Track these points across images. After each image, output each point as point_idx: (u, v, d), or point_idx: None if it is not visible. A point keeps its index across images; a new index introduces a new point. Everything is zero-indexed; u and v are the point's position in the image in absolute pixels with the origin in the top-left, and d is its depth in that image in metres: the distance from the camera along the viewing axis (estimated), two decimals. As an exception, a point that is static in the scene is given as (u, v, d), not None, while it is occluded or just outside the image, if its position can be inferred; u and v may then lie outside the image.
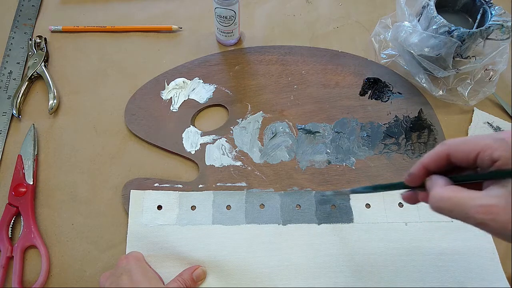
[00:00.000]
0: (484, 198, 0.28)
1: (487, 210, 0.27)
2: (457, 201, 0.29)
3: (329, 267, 0.45)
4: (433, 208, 0.30)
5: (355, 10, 0.66)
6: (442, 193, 0.30)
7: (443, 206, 0.30)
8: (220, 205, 0.49)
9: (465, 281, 0.44)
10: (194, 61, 0.59)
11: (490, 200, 0.27)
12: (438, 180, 0.31)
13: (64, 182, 0.51)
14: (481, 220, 0.27)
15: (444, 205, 0.29)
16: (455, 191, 0.29)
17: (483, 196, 0.28)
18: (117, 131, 0.54)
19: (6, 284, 0.45)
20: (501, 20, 0.51)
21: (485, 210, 0.27)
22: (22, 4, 0.64)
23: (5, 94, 0.56)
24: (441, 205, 0.30)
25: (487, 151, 0.29)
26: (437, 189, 0.30)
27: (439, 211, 0.30)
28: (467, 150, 0.30)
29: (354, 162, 0.52)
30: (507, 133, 0.29)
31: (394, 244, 0.46)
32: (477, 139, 0.30)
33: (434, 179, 0.32)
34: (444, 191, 0.30)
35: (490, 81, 0.55)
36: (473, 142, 0.30)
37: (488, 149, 0.28)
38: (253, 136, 0.54)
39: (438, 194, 0.30)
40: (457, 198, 0.29)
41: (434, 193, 0.30)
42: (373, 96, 0.57)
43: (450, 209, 0.29)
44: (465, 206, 0.28)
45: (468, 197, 0.28)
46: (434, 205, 0.30)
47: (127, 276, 0.40)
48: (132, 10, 0.65)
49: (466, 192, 0.29)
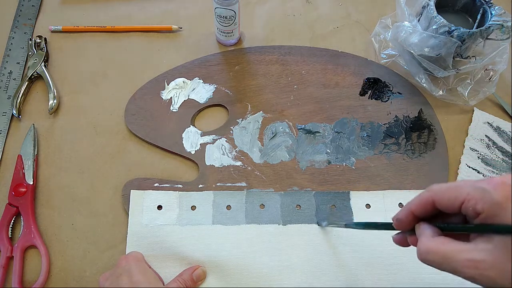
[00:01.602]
0: (471, 252, 0.27)
1: (474, 265, 0.27)
2: (444, 254, 0.28)
3: (329, 267, 0.45)
4: (422, 260, 0.30)
5: (355, 10, 0.66)
6: (429, 244, 0.29)
7: (431, 259, 0.29)
8: (220, 205, 0.49)
9: (465, 281, 0.44)
10: (194, 61, 0.59)
11: (477, 255, 0.27)
12: (426, 230, 0.31)
13: (64, 182, 0.51)
14: (469, 275, 0.27)
15: (432, 258, 0.29)
16: (442, 243, 0.29)
17: (470, 250, 0.28)
18: (117, 131, 0.54)
19: (6, 284, 0.45)
20: (501, 20, 0.51)
21: (472, 264, 0.27)
22: (22, 4, 0.64)
23: (5, 94, 0.56)
24: (429, 258, 0.29)
25: (470, 202, 0.28)
26: (425, 240, 0.30)
27: (427, 263, 0.30)
28: (451, 198, 0.29)
29: (354, 162, 0.52)
30: (488, 182, 0.28)
31: (394, 244, 0.46)
32: (459, 187, 0.29)
33: (422, 228, 0.31)
34: (431, 243, 0.29)
35: (490, 81, 0.55)
36: (456, 190, 0.29)
37: (471, 200, 0.28)
38: (253, 136, 0.54)
39: (425, 247, 0.30)
40: (444, 251, 0.28)
41: (421, 245, 0.30)
42: (373, 96, 0.57)
43: (439, 263, 0.29)
44: (453, 260, 0.28)
45: (455, 250, 0.28)
46: (422, 257, 0.30)
47: (126, 276, 0.40)
48: (132, 10, 0.65)
49: (453, 244, 0.29)
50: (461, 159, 0.53)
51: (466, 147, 0.54)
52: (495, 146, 0.54)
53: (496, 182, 0.28)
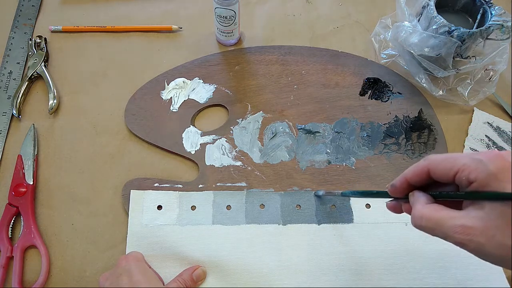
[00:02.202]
0: (462, 219, 0.28)
1: (464, 231, 0.28)
2: (436, 221, 0.29)
3: (329, 267, 0.45)
4: (415, 226, 0.31)
5: (355, 10, 0.66)
6: (423, 211, 0.31)
7: (424, 225, 0.30)
8: (220, 205, 0.49)
9: (465, 281, 0.44)
10: (194, 61, 0.59)
11: (468, 221, 0.28)
12: (420, 198, 0.32)
13: (64, 182, 0.51)
14: (459, 240, 0.28)
15: (425, 224, 0.30)
16: (436, 210, 0.30)
17: (462, 216, 0.29)
18: (117, 131, 0.54)
19: (6, 284, 0.45)
20: (501, 20, 0.51)
21: (462, 230, 0.28)
22: (22, 4, 0.64)
23: (5, 94, 0.56)
24: (422, 223, 0.30)
25: (464, 171, 0.29)
26: (419, 207, 0.31)
27: (421, 229, 0.31)
28: (447, 168, 0.30)
29: (354, 162, 0.52)
30: (485, 154, 0.29)
31: (394, 244, 0.46)
32: (456, 158, 0.30)
33: (416, 195, 0.32)
34: (424, 210, 0.31)
35: (490, 81, 0.55)
36: (452, 160, 0.30)
37: (466, 170, 0.29)
38: (253, 136, 0.54)
39: (419, 213, 0.31)
40: (437, 217, 0.29)
41: (415, 212, 0.31)
42: (373, 96, 0.57)
43: (431, 228, 0.30)
44: (444, 225, 0.29)
45: (447, 216, 0.29)
46: (416, 223, 0.31)
47: (126, 276, 0.40)
48: (132, 10, 0.65)
49: (446, 211, 0.30)
50: (461, 159, 0.53)
51: (466, 147, 0.54)
52: (495, 146, 0.54)
53: (493, 154, 0.29)
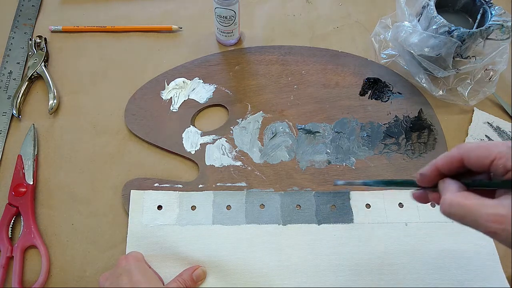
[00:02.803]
0: (495, 207, 0.27)
1: (497, 220, 0.27)
2: (468, 208, 0.28)
3: (329, 267, 0.45)
4: (444, 213, 0.30)
5: (355, 10, 0.66)
6: (454, 198, 0.29)
7: (454, 212, 0.29)
8: (220, 205, 0.49)
9: (465, 281, 0.44)
10: (194, 61, 0.59)
11: (502, 209, 0.27)
12: (451, 185, 0.31)
13: (64, 182, 0.51)
14: (491, 229, 0.27)
15: (455, 211, 0.29)
16: (467, 198, 0.29)
17: (495, 205, 0.27)
18: (117, 131, 0.54)
19: (6, 284, 0.45)
20: (501, 20, 0.51)
21: (495, 219, 0.27)
22: (22, 4, 0.64)
23: (5, 94, 0.56)
24: (452, 211, 0.29)
25: (501, 159, 0.28)
26: (449, 194, 0.30)
27: (450, 217, 0.30)
28: (482, 156, 0.29)
29: (354, 162, 0.52)
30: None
31: (394, 244, 0.46)
32: (492, 145, 0.29)
33: (447, 183, 0.31)
34: (456, 197, 0.29)
35: (490, 81, 0.55)
36: (488, 148, 0.29)
37: (503, 157, 0.28)
38: (253, 136, 0.54)
39: (450, 199, 0.30)
40: (468, 205, 0.28)
41: (446, 198, 0.30)
42: (373, 96, 0.57)
43: (462, 216, 0.29)
44: (476, 213, 0.28)
45: (480, 204, 0.28)
46: (445, 210, 0.30)
47: (126, 276, 0.40)
48: (132, 10, 0.65)
49: (478, 199, 0.28)
50: (461, 159, 0.53)
51: (466, 147, 0.54)
52: (495, 146, 0.54)
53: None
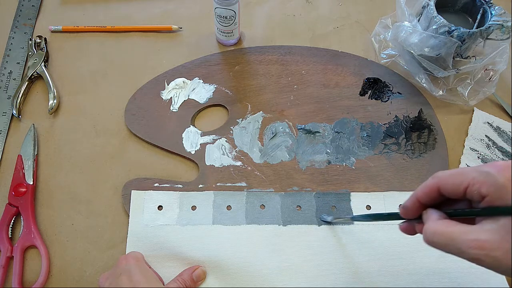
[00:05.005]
0: (477, 233, 0.27)
1: (480, 245, 0.27)
2: (449, 236, 0.29)
3: (329, 268, 0.45)
4: (428, 242, 0.30)
5: (355, 10, 0.66)
6: (435, 227, 0.30)
7: (437, 241, 0.29)
8: (221, 205, 0.49)
9: (465, 282, 0.44)
10: (194, 61, 0.59)
11: (483, 235, 0.27)
12: (432, 214, 0.31)
13: (64, 182, 0.51)
14: (474, 255, 0.27)
15: (438, 239, 0.29)
16: (448, 225, 0.29)
17: (476, 231, 0.28)
18: (117, 131, 0.54)
19: (6, 284, 0.45)
20: (501, 20, 0.51)
21: (478, 245, 0.27)
22: (22, 4, 0.64)
23: (5, 94, 0.56)
24: (435, 239, 0.30)
25: (474, 186, 0.29)
26: (431, 223, 0.30)
27: (433, 245, 0.30)
28: (456, 184, 0.30)
29: (354, 162, 0.52)
30: (492, 166, 0.29)
31: (394, 245, 0.46)
32: (463, 172, 0.30)
33: (429, 212, 0.32)
34: (437, 226, 0.30)
35: (490, 81, 0.55)
36: (460, 175, 0.30)
37: (476, 184, 0.28)
38: (253, 136, 0.54)
39: (431, 228, 0.30)
40: (450, 233, 0.29)
41: (427, 227, 0.30)
42: (373, 96, 0.57)
43: (444, 244, 0.29)
44: (458, 240, 0.28)
45: (461, 231, 0.28)
46: (428, 239, 0.30)
47: (126, 276, 0.40)
48: (132, 10, 0.65)
49: (459, 226, 0.29)
50: (461, 159, 0.53)
51: (466, 147, 0.54)
52: (495, 146, 0.54)
53: (500, 166, 0.28)
